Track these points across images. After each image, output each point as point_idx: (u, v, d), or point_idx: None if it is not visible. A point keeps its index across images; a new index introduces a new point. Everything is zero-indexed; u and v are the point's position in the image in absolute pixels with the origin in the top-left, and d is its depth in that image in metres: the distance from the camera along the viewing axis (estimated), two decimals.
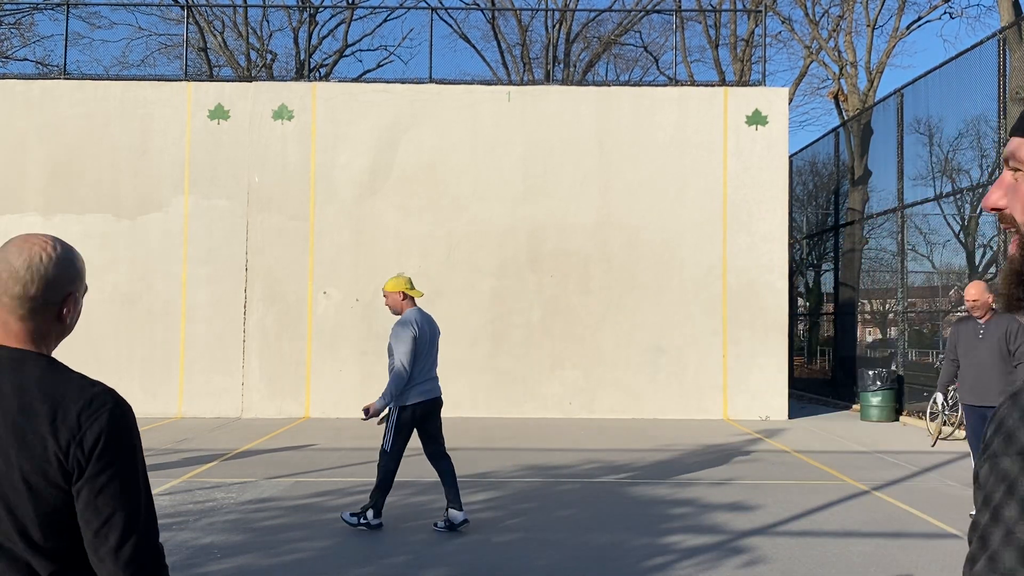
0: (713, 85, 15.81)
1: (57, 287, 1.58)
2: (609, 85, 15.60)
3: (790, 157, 19.40)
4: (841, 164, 17.85)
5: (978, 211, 15.02)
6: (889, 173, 15.10)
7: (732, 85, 17.32)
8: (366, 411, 6.04)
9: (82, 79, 14.16)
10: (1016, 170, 1.03)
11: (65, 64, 14.31)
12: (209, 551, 5.62)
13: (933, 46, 50.03)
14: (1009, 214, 1.04)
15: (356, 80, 19.06)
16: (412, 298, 6.34)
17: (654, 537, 6.08)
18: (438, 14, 25.21)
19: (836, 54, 23.38)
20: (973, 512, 1.29)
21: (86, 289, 1.69)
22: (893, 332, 15.39)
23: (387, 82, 14.20)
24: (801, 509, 7.03)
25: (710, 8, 26.41)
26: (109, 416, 1.51)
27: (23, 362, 1.54)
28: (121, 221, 13.65)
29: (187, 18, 15.55)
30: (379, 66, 30.20)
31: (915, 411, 13.54)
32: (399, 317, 6.28)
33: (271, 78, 25.07)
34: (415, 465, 8.95)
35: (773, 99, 13.93)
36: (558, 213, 13.80)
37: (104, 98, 13.80)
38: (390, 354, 6.14)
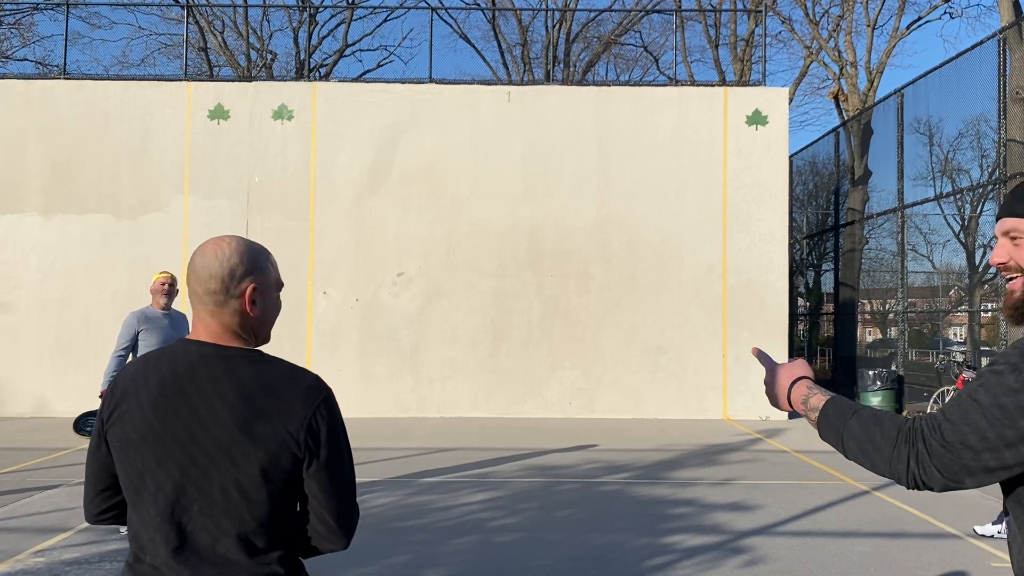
0: (713, 85, 15.81)
1: (235, 281, 1.70)
2: (609, 85, 15.60)
3: (790, 157, 19.39)
4: (841, 164, 17.84)
5: (978, 211, 15.02)
6: (889, 173, 15.10)
7: (732, 85, 17.31)
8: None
9: (82, 79, 14.16)
10: (1015, 238, 1.57)
11: (65, 64, 14.31)
12: None
13: (933, 46, 50.06)
14: (1013, 264, 1.58)
15: (356, 80, 19.06)
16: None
17: (654, 537, 6.08)
18: (438, 14, 25.22)
19: (836, 54, 23.38)
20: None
21: (279, 283, 1.80)
22: (893, 332, 15.38)
23: (387, 82, 14.20)
24: (801, 509, 7.03)
25: (710, 8, 26.41)
26: (327, 403, 1.70)
27: (244, 358, 1.69)
28: (121, 221, 13.65)
29: (187, 18, 15.54)
30: (379, 66, 30.21)
31: (915, 411, 13.55)
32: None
33: (271, 78, 25.07)
34: (415, 464, 8.95)
35: (773, 99, 13.92)
36: (558, 213, 13.80)
37: (104, 98, 13.79)
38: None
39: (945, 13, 23.45)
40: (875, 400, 13.57)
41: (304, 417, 1.65)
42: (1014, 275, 1.62)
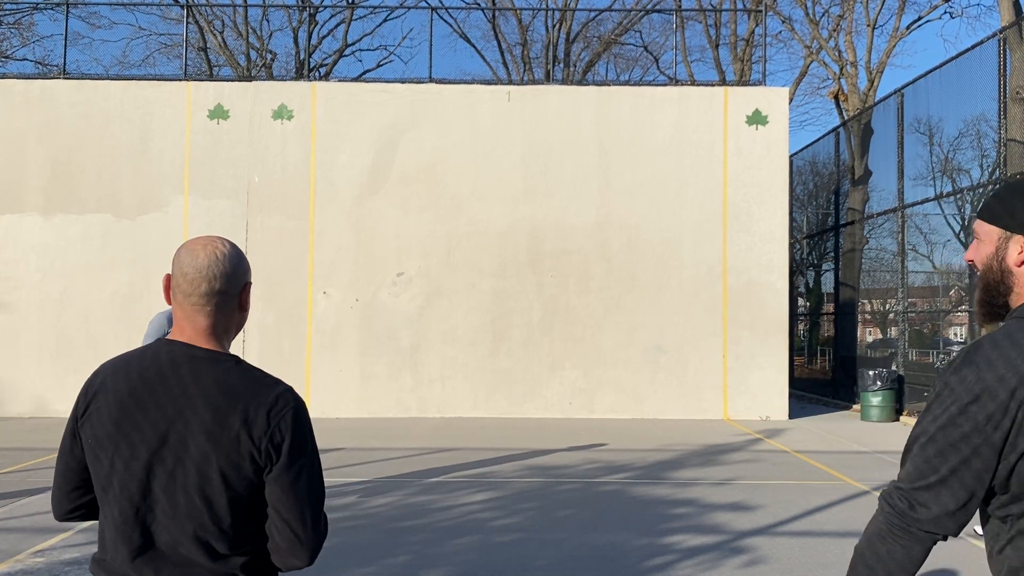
0: (713, 85, 15.81)
1: (236, 279, 1.73)
2: (609, 85, 15.60)
3: (790, 157, 19.39)
4: (841, 164, 17.84)
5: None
6: (889, 173, 15.10)
7: (732, 85, 17.31)
8: None
9: (82, 79, 14.15)
10: (978, 239, 1.68)
11: (65, 64, 14.31)
12: None
13: (933, 46, 50.08)
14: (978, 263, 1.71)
15: (356, 80, 19.06)
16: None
17: (654, 537, 6.07)
18: (438, 14, 25.22)
19: (836, 54, 23.37)
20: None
21: None
22: (893, 332, 15.38)
23: (387, 82, 14.20)
24: (801, 509, 7.03)
25: (710, 8, 26.42)
26: (294, 413, 1.69)
27: (217, 362, 1.70)
28: (121, 221, 13.65)
29: (187, 18, 15.55)
30: (379, 66, 30.23)
31: (915, 411, 13.54)
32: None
33: (271, 78, 25.06)
34: (415, 464, 8.96)
35: (773, 99, 13.92)
36: (558, 213, 13.80)
37: (104, 98, 13.79)
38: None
39: (945, 13, 23.48)
40: (875, 400, 13.56)
41: (268, 425, 1.65)
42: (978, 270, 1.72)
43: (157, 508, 1.64)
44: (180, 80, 14.08)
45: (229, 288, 1.72)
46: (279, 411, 1.67)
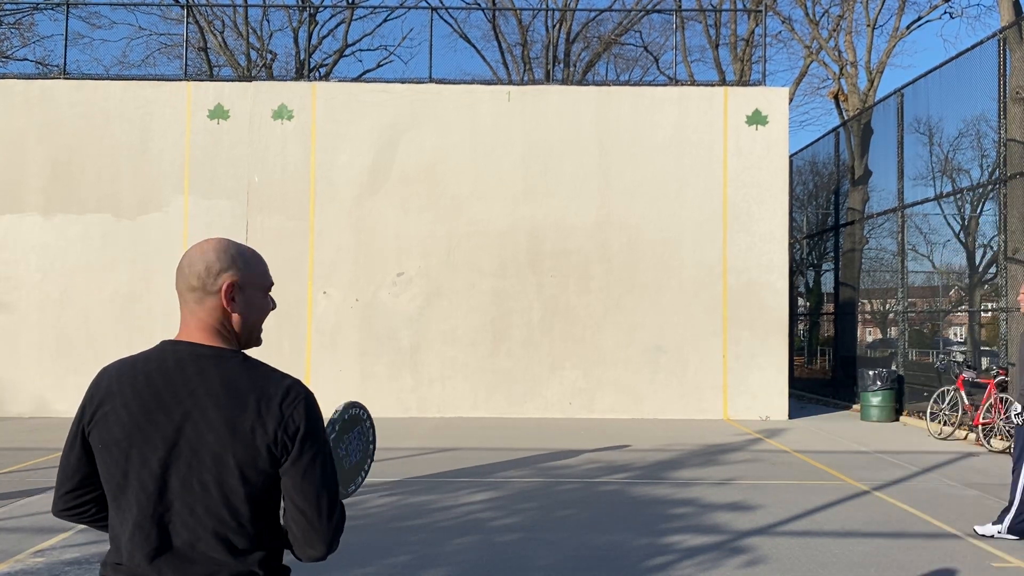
0: (713, 85, 15.80)
1: (211, 276, 1.71)
2: (609, 85, 15.60)
3: (790, 157, 19.39)
4: (841, 164, 17.84)
5: (978, 211, 15.02)
6: (889, 173, 15.09)
7: (732, 85, 17.31)
8: None
9: (82, 79, 14.16)
10: None
11: (65, 64, 14.31)
12: None
13: (933, 46, 50.07)
14: None
15: (356, 80, 19.05)
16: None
17: (654, 537, 6.08)
18: (438, 14, 25.21)
19: (836, 54, 23.37)
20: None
21: (266, 285, 1.78)
22: (893, 332, 15.38)
23: (387, 82, 14.20)
24: (801, 509, 7.03)
25: (710, 8, 26.42)
26: (306, 403, 1.70)
27: (223, 359, 1.68)
28: (121, 221, 13.65)
29: (187, 18, 15.55)
30: (379, 66, 30.21)
31: (915, 411, 13.54)
32: None
33: (271, 78, 25.05)
34: (415, 464, 8.95)
35: (773, 99, 13.92)
36: (558, 213, 13.80)
37: (104, 98, 13.79)
38: None
39: (945, 13, 23.46)
40: (875, 400, 13.56)
41: (282, 416, 1.66)
42: None
43: (174, 509, 1.65)
44: (180, 80, 14.09)
45: (203, 285, 1.71)
46: (291, 402, 1.68)
